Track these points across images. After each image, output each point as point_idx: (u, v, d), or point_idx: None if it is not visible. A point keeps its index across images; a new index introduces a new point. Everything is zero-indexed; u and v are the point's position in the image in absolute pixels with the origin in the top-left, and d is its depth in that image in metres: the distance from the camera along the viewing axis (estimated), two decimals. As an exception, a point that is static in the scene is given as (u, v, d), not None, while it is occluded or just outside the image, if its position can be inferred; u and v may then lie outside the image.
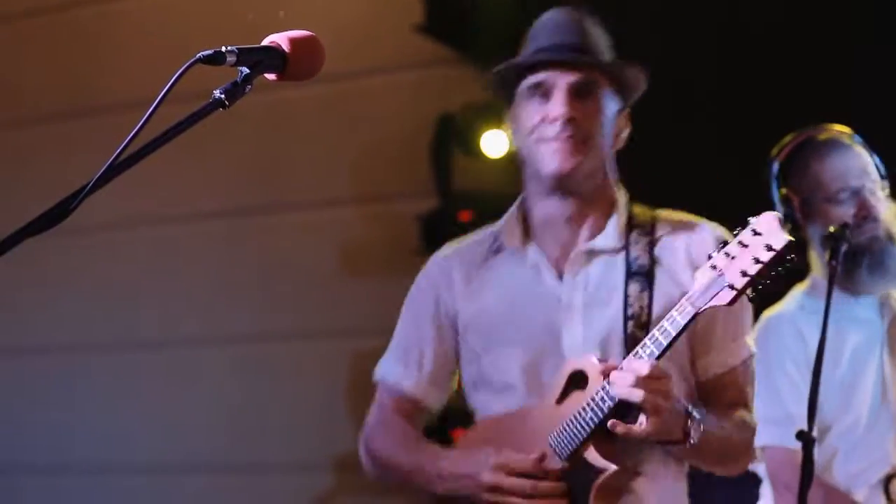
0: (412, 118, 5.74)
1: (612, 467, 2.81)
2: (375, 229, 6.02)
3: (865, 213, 3.66)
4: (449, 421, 3.96)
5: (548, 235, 3.06)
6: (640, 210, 3.10)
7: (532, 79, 3.00)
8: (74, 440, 6.39)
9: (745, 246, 2.61)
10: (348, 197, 6.22)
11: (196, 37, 5.75)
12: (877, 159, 3.78)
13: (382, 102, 5.91)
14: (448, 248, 3.21)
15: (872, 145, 3.81)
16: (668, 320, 2.73)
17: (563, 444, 2.85)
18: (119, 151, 2.02)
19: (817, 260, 3.77)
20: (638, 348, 2.77)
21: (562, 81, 2.97)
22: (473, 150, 5.42)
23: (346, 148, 6.11)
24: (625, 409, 2.77)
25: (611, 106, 3.03)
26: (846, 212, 3.67)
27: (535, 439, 2.90)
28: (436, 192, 5.66)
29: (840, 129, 3.84)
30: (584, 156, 2.96)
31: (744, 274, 2.60)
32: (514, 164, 3.21)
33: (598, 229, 3.04)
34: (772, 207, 3.77)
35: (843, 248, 3.52)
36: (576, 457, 2.83)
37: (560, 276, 3.02)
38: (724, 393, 3.02)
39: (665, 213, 3.12)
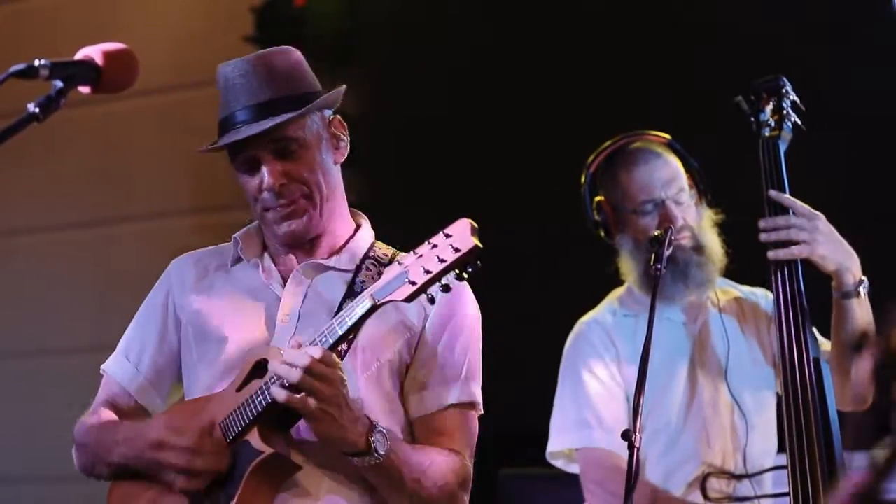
0: (246, 128, 5.77)
1: (268, 450, 2.78)
2: (213, 239, 6.02)
3: (668, 225, 3.64)
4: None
5: (283, 253, 3.05)
6: (383, 247, 3.09)
7: (236, 157, 2.97)
8: None
9: (434, 246, 2.62)
10: (185, 207, 6.24)
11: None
12: (694, 163, 3.81)
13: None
14: (191, 252, 3.18)
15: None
16: (347, 311, 2.72)
17: (231, 427, 2.83)
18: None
19: (629, 267, 3.81)
20: (315, 336, 2.75)
21: (262, 152, 2.93)
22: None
23: (182, 159, 6.12)
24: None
25: (320, 136, 3.00)
26: (650, 223, 3.72)
27: (210, 423, 2.87)
28: (271, 201, 5.68)
29: (655, 135, 3.86)
30: (312, 209, 2.97)
31: (426, 271, 2.61)
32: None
33: (333, 252, 3.04)
34: (585, 213, 3.92)
35: (667, 252, 3.54)
36: (240, 439, 2.82)
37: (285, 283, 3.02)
38: (435, 438, 2.95)
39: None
